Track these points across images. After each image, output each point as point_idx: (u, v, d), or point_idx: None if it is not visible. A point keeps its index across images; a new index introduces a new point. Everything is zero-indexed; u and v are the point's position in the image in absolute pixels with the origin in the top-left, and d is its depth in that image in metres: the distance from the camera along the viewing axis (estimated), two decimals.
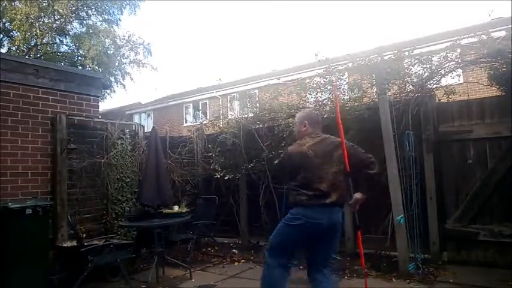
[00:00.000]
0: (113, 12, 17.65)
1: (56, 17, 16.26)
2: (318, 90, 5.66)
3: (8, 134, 4.61)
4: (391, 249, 4.69)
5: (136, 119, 21.12)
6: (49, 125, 4.99)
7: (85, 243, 4.23)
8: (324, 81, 5.61)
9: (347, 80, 5.88)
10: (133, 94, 59.14)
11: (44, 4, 15.54)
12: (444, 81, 5.07)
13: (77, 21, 17.12)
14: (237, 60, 49.32)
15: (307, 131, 3.14)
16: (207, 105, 18.40)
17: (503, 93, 4.64)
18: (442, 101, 5.11)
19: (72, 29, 17.35)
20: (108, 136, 5.62)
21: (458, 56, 4.76)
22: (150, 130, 5.86)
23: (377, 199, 4.96)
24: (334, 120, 5.13)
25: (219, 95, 17.68)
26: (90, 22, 17.38)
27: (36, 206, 4.09)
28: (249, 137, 6.12)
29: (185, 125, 19.10)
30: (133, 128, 6.14)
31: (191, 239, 5.68)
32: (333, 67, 5.50)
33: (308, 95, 5.83)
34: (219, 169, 6.35)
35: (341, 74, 5.68)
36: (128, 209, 5.67)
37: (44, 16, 16.00)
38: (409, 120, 4.70)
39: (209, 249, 6.22)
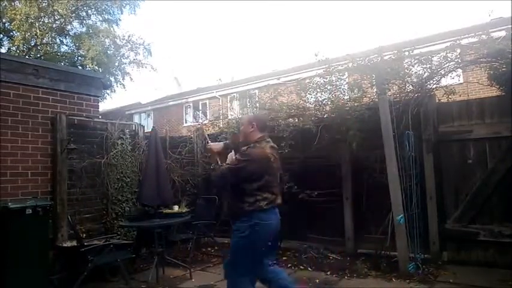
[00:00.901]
0: (113, 12, 17.68)
1: (55, 17, 16.26)
2: (318, 90, 5.66)
3: (8, 134, 4.61)
4: (391, 249, 4.68)
5: (136, 119, 21.11)
6: (49, 125, 4.99)
7: (85, 243, 4.23)
8: (323, 81, 5.61)
9: (347, 80, 5.88)
10: (133, 94, 59.03)
11: (44, 4, 15.53)
12: (444, 81, 5.07)
13: (76, 21, 17.12)
14: (237, 60, 49.36)
15: (255, 132, 3.08)
16: (207, 106, 18.39)
17: (503, 93, 4.64)
18: (442, 101, 5.11)
19: (72, 29, 17.38)
20: (108, 136, 5.62)
21: (458, 56, 4.76)
22: (150, 130, 5.86)
23: (377, 199, 4.99)
24: (334, 120, 5.21)
25: (219, 95, 17.68)
26: (90, 22, 17.41)
27: (36, 206, 4.08)
28: None
29: (185, 125, 19.09)
30: (133, 128, 6.14)
31: (191, 239, 5.68)
32: (332, 67, 5.50)
33: (308, 95, 5.82)
34: None
35: (341, 74, 5.67)
36: (128, 209, 5.67)
37: (44, 16, 15.99)
38: (409, 120, 4.71)
39: (209, 249, 6.22)
